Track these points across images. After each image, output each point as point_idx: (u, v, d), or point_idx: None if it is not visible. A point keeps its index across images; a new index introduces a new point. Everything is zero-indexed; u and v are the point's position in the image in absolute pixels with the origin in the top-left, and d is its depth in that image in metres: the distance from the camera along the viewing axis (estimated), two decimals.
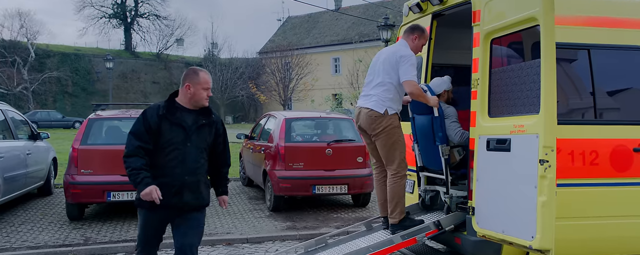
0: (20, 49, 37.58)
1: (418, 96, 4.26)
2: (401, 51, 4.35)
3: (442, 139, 4.41)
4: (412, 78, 4.20)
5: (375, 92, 4.37)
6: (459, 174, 4.48)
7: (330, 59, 41.90)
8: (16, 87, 36.35)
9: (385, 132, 4.31)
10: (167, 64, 46.27)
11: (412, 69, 4.21)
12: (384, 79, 4.34)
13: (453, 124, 4.46)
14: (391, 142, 4.34)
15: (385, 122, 4.28)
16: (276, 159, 7.28)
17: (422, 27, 4.52)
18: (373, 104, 4.33)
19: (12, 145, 7.17)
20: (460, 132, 4.43)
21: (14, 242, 5.80)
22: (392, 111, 4.33)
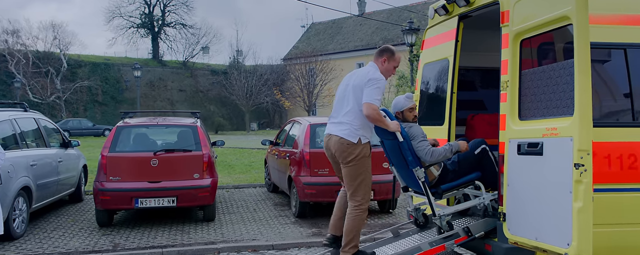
0: (54, 60, 38.71)
1: (376, 120, 4.06)
2: (370, 74, 4.18)
3: (413, 162, 4.18)
4: (374, 101, 4.02)
5: (347, 119, 4.22)
6: (441, 190, 4.32)
7: (354, 64, 41.74)
8: (50, 96, 37.44)
9: (355, 162, 4.18)
10: (193, 72, 46.92)
11: (376, 92, 4.04)
12: (354, 106, 4.18)
13: (421, 143, 4.23)
14: (358, 173, 4.17)
15: (358, 151, 4.14)
16: (301, 165, 7.25)
17: (391, 49, 4.43)
18: (346, 133, 4.18)
19: (44, 153, 7.33)
20: (430, 150, 4.20)
21: (46, 248, 5.90)
22: (365, 139, 4.20)
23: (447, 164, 4.50)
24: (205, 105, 45.45)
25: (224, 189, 10.29)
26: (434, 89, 5.16)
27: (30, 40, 39.57)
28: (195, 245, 6.02)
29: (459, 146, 4.31)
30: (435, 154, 4.18)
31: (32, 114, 7.56)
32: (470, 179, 4.45)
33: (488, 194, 4.36)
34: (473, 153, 4.46)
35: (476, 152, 4.47)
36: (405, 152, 4.21)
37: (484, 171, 4.50)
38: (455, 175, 4.44)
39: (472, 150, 4.48)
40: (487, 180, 4.47)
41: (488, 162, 4.49)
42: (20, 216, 6.39)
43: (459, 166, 4.47)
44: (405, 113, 4.52)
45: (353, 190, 4.22)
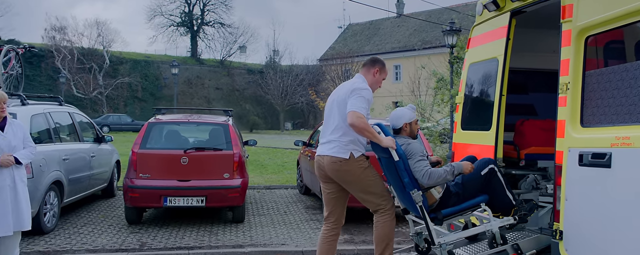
0: (97, 56, 39.77)
1: (362, 130, 3.68)
2: (355, 84, 3.89)
3: (410, 184, 3.78)
4: (359, 109, 3.69)
5: (334, 137, 3.92)
6: (442, 216, 3.87)
7: (391, 66, 41.24)
8: (92, 91, 38.51)
9: (355, 178, 3.87)
10: (230, 71, 47.37)
11: (361, 101, 3.74)
12: (339, 122, 3.88)
13: (419, 163, 3.80)
14: (365, 186, 3.89)
15: (354, 168, 3.84)
16: None
17: (382, 60, 4.14)
18: (335, 151, 3.86)
19: (77, 147, 7.30)
20: (428, 172, 3.76)
21: (74, 244, 5.83)
22: (358, 153, 3.90)
23: (450, 185, 4.07)
24: (240, 103, 45.80)
25: (255, 189, 10.11)
26: (480, 91, 4.78)
27: (75, 37, 40.74)
28: (222, 247, 5.82)
29: (462, 167, 3.88)
30: (433, 176, 3.75)
31: (67, 108, 7.55)
32: (476, 203, 4.01)
33: (497, 220, 3.92)
34: (479, 174, 4.01)
35: (483, 172, 4.02)
36: (402, 173, 3.80)
37: (493, 194, 4.06)
38: (459, 199, 4.01)
39: (479, 171, 4.03)
40: (495, 204, 4.06)
41: (497, 184, 4.06)
42: (51, 210, 6.35)
43: (463, 188, 4.03)
44: (413, 126, 4.11)
45: (369, 203, 3.91)
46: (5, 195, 4.31)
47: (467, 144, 4.81)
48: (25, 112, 6.16)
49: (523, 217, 4.07)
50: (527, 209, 4.13)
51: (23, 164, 4.46)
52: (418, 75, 22.43)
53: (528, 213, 4.10)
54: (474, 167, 4.01)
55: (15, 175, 4.40)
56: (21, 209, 4.43)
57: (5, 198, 4.31)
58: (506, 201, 4.08)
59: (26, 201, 4.51)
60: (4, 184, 4.31)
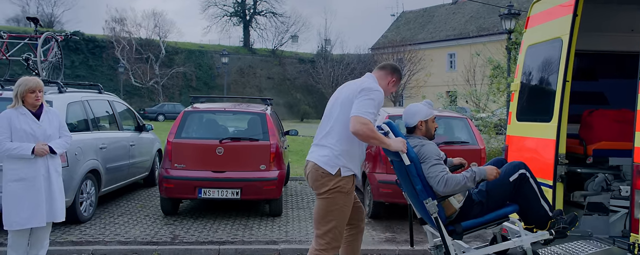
0: (154, 47, 40.93)
1: (368, 138, 3.17)
2: (365, 83, 3.34)
3: (423, 192, 3.32)
4: (364, 114, 3.14)
5: (328, 142, 3.36)
6: (461, 229, 3.36)
7: (445, 54, 39.92)
8: (149, 81, 39.71)
9: (327, 195, 3.32)
10: (281, 60, 47.52)
11: (369, 104, 3.18)
12: (336, 125, 3.34)
13: (434, 168, 3.31)
14: (329, 211, 3.32)
15: (333, 184, 3.30)
16: (377, 161, 6.51)
17: (401, 71, 3.59)
18: (324, 160, 3.32)
19: (115, 135, 7.23)
20: (443, 178, 3.24)
21: (107, 235, 5.72)
22: (348, 172, 3.32)
23: (473, 193, 3.54)
24: (291, 93, 45.90)
25: (297, 180, 9.82)
26: (540, 76, 4.18)
27: (134, 28, 42.10)
28: (255, 243, 5.54)
29: (485, 173, 3.35)
30: (450, 182, 3.25)
31: (106, 96, 7.50)
32: (503, 214, 3.49)
33: (529, 235, 3.38)
34: (507, 180, 3.46)
35: (511, 179, 3.47)
36: (414, 179, 3.33)
37: (524, 204, 3.52)
38: (483, 209, 3.48)
39: (507, 177, 3.47)
40: (528, 215, 3.52)
41: (529, 192, 3.50)
42: (87, 200, 6.29)
43: (487, 197, 3.50)
44: (429, 124, 3.56)
45: (320, 232, 3.35)
46: (39, 185, 4.18)
47: (524, 137, 4.24)
48: (62, 100, 6.10)
49: (561, 231, 3.47)
50: (567, 221, 3.51)
51: (58, 154, 4.30)
52: (473, 63, 21.43)
53: (568, 226, 3.49)
54: (501, 173, 3.46)
55: (50, 165, 4.25)
56: (55, 199, 4.28)
57: (38, 188, 4.17)
58: (541, 213, 3.52)
59: (60, 192, 4.36)
60: (37, 173, 4.17)
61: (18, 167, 4.14)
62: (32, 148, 4.10)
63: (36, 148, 4.12)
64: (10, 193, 4.13)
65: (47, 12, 50.71)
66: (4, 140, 4.10)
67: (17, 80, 4.22)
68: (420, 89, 34.50)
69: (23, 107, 4.17)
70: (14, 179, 4.14)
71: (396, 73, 3.52)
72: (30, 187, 4.14)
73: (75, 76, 37.60)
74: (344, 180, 3.32)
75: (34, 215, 4.15)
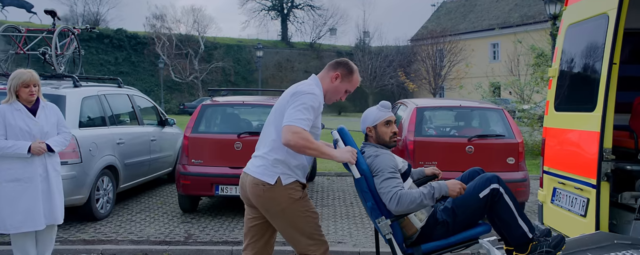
0: (193, 42, 41.47)
1: (303, 148, 2.71)
2: (298, 86, 2.89)
3: (373, 210, 2.89)
4: (297, 122, 2.69)
5: (261, 152, 2.94)
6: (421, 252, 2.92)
7: (487, 44, 38.53)
8: (188, 76, 40.29)
9: (280, 210, 2.89)
10: (319, 53, 47.22)
11: (301, 111, 2.73)
12: (271, 134, 2.94)
13: (386, 183, 2.86)
14: (291, 222, 2.90)
15: (278, 196, 2.87)
16: (404, 156, 6.06)
17: (351, 65, 3.01)
18: (260, 172, 2.90)
19: (134, 130, 7.07)
20: (397, 195, 2.79)
21: (121, 233, 5.55)
22: (289, 178, 2.88)
23: (437, 210, 3.07)
24: None
25: (325, 176, 9.46)
26: (581, 59, 3.64)
27: (174, 24, 42.79)
28: None
29: (447, 189, 2.85)
30: (404, 200, 2.79)
31: (126, 90, 7.35)
32: (471, 236, 3.02)
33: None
34: (477, 196, 2.98)
35: (482, 194, 2.97)
36: (364, 195, 2.92)
37: (500, 223, 3.04)
38: (448, 230, 3.01)
39: (476, 192, 2.99)
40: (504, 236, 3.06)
41: (503, 210, 2.99)
42: (104, 196, 6.15)
43: (453, 216, 3.04)
44: (380, 129, 3.09)
45: (295, 244, 2.94)
46: (36, 186, 3.96)
47: (563, 129, 3.72)
48: (76, 95, 5.96)
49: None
50: (552, 244, 2.99)
51: (56, 152, 4.09)
52: (517, 52, 20.40)
53: (552, 250, 2.98)
54: (469, 188, 2.97)
55: (48, 164, 4.04)
56: (54, 200, 4.06)
57: (35, 189, 3.96)
58: (518, 233, 3.01)
59: (59, 193, 4.14)
60: (34, 173, 3.96)
61: (13, 167, 3.93)
62: (29, 146, 3.90)
63: (33, 146, 3.90)
64: (4, 194, 3.91)
65: (93, 11, 52.37)
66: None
67: (11, 74, 4.03)
68: (461, 81, 33.45)
69: (18, 102, 3.96)
70: (8, 180, 3.93)
71: (340, 67, 2.98)
72: (26, 188, 3.94)
73: (118, 73, 38.56)
74: (290, 189, 2.90)
75: (29, 218, 3.94)
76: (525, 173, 5.93)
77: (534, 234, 3.05)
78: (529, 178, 6.07)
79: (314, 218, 2.95)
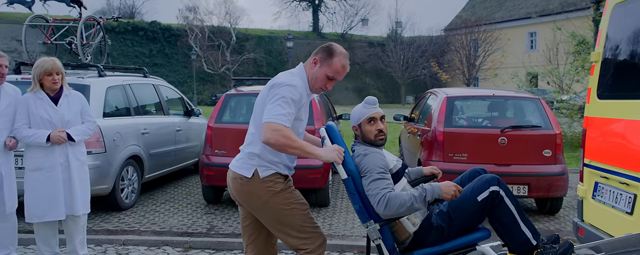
0: (225, 34, 41.76)
1: (284, 147, 2.50)
2: (277, 78, 2.68)
3: (363, 213, 2.70)
4: (276, 119, 2.49)
5: (243, 146, 2.81)
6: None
7: (524, 33, 37.30)
8: (220, 67, 40.63)
9: (261, 204, 2.71)
10: (350, 44, 46.81)
11: (280, 106, 2.52)
12: (252, 128, 2.77)
13: (374, 184, 2.65)
14: (276, 216, 2.71)
15: (257, 190, 2.69)
16: (433, 147, 5.81)
17: (331, 48, 2.72)
18: (238, 165, 2.77)
19: (159, 120, 7.04)
20: (384, 197, 2.58)
21: (144, 224, 5.51)
22: (267, 171, 2.69)
23: (433, 214, 2.88)
24: (361, 77, 45.18)
25: None
26: (629, 42, 3.31)
27: (206, 16, 43.14)
28: None
29: (440, 191, 2.63)
30: (392, 203, 2.58)
31: (151, 80, 7.32)
32: (468, 242, 2.78)
33: None
34: (475, 199, 2.75)
35: (480, 197, 2.75)
36: (352, 197, 2.73)
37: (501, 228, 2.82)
38: (443, 236, 2.80)
39: (474, 195, 2.76)
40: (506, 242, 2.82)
41: (504, 214, 2.77)
42: (129, 186, 6.14)
43: (449, 221, 2.80)
44: (364, 127, 2.89)
45: (285, 239, 2.74)
46: (57, 175, 3.92)
47: (607, 118, 3.41)
48: (100, 84, 5.94)
49: None
50: (559, 252, 2.73)
51: (77, 141, 4.03)
52: (556, 40, 19.59)
53: None
54: (467, 190, 2.74)
55: (70, 154, 3.97)
56: (75, 191, 3.99)
57: (56, 179, 3.91)
58: (521, 239, 2.76)
59: (82, 183, 4.07)
60: (55, 163, 3.92)
61: (36, 156, 3.92)
62: (48, 135, 3.86)
63: (52, 135, 3.86)
64: (29, 183, 3.93)
65: (129, 4, 53.40)
66: (21, 127, 3.89)
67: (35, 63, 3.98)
68: (496, 71, 32.55)
69: (41, 91, 3.92)
70: (32, 169, 3.93)
71: (319, 51, 2.74)
72: (48, 177, 3.91)
73: (153, 64, 39.23)
74: (269, 182, 2.71)
75: (51, 207, 3.91)
76: (563, 166, 5.59)
77: (538, 240, 2.81)
78: (568, 171, 5.72)
79: (301, 209, 2.75)
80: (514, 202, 2.80)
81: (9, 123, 3.91)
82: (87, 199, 4.15)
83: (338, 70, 2.69)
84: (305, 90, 2.69)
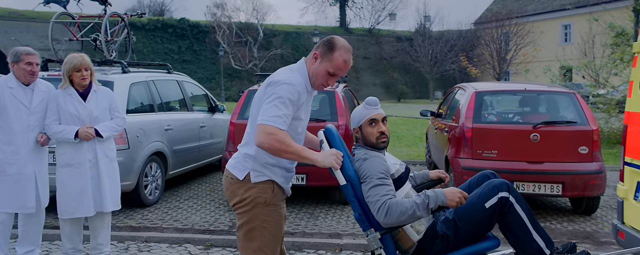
0: (252, 30, 41.94)
1: (279, 152, 2.33)
2: (275, 76, 2.50)
3: (363, 221, 2.55)
4: (271, 122, 2.33)
5: (240, 145, 2.63)
6: None
7: (558, 26, 36.17)
8: (248, 63, 40.84)
9: (242, 208, 2.53)
10: (378, 39, 46.44)
11: (276, 107, 2.35)
12: (248, 126, 2.60)
13: (374, 190, 2.49)
14: (249, 228, 2.52)
15: (243, 193, 2.52)
16: (461, 144, 5.59)
17: (333, 41, 2.50)
18: (232, 164, 2.59)
19: (183, 117, 7.02)
20: (385, 205, 2.43)
21: (167, 220, 5.49)
22: (260, 176, 2.51)
23: (438, 221, 2.70)
24: (388, 72, 44.76)
25: None
26: None
27: (234, 13, 43.42)
28: (316, 236, 4.98)
29: (444, 198, 2.44)
30: (393, 210, 2.42)
31: (175, 76, 7.30)
32: (476, 252, 2.64)
33: None
34: (483, 206, 2.58)
35: (488, 204, 2.58)
36: (353, 204, 2.57)
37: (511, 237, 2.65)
38: (448, 245, 2.64)
39: (481, 201, 2.59)
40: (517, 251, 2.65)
41: (514, 222, 2.59)
42: (152, 183, 6.13)
43: (454, 228, 2.63)
44: (365, 130, 2.73)
45: (242, 251, 2.57)
46: (85, 172, 3.91)
47: None
48: (124, 80, 5.94)
49: None
50: None
51: (104, 137, 4.00)
52: (593, 32, 18.86)
53: None
54: (475, 196, 2.57)
55: (98, 150, 3.96)
56: (103, 187, 3.98)
57: (84, 175, 3.91)
58: (533, 249, 2.58)
59: (111, 179, 4.06)
60: (83, 159, 3.91)
61: (66, 152, 3.93)
62: (76, 131, 3.85)
63: (80, 131, 3.85)
64: (60, 179, 3.95)
65: (159, 2, 54.19)
66: (51, 123, 3.90)
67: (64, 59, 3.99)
68: (528, 65, 31.69)
69: (71, 87, 3.93)
70: (62, 165, 3.94)
71: (320, 45, 2.54)
72: (77, 174, 3.91)
73: (181, 61, 39.72)
74: (258, 188, 2.53)
75: (80, 204, 3.91)
76: (600, 164, 5.30)
77: (552, 250, 2.63)
78: (605, 169, 5.43)
79: (271, 233, 2.55)
80: (525, 208, 2.63)
81: (41, 120, 3.94)
82: (117, 195, 4.14)
83: (339, 66, 2.50)
84: (305, 88, 2.52)
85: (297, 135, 2.56)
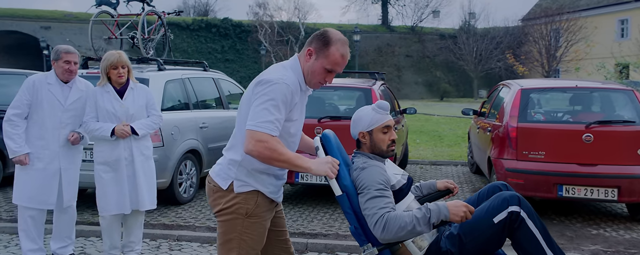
0: (293, 29, 42.14)
1: (269, 160, 2.15)
2: (266, 74, 2.27)
3: (358, 235, 2.35)
4: (261, 127, 2.14)
5: (225, 149, 2.43)
6: None
7: (614, 21, 34.38)
8: None
9: (222, 218, 2.35)
10: (420, 37, 45.66)
11: (266, 111, 2.16)
12: (236, 130, 2.38)
13: (372, 202, 2.27)
14: (227, 238, 2.34)
15: (224, 202, 2.33)
16: (505, 144, 5.28)
17: (328, 35, 2.28)
18: (216, 170, 2.40)
19: (218, 115, 6.97)
20: (382, 218, 2.22)
21: (199, 219, 5.45)
22: (245, 187, 2.32)
23: (442, 237, 2.48)
24: (431, 71, 43.94)
25: (419, 164, 8.81)
26: None
27: (275, 12, 43.75)
28: (349, 238, 4.79)
29: (448, 212, 2.20)
30: (391, 225, 2.20)
31: (212, 74, 7.27)
32: None
33: None
34: (491, 221, 2.35)
35: (497, 219, 2.34)
36: (347, 216, 2.37)
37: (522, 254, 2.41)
38: None
39: (490, 216, 2.35)
40: None
41: (526, 238, 2.35)
42: (187, 181, 6.11)
43: (460, 244, 2.40)
44: (376, 135, 2.51)
45: None
46: (121, 169, 3.92)
47: None
48: (159, 78, 5.93)
49: None
50: None
51: (140, 135, 3.97)
52: None
53: None
54: (482, 210, 2.34)
55: (134, 148, 3.95)
56: (139, 186, 3.97)
57: (121, 173, 3.92)
58: None
59: (148, 177, 4.04)
60: (120, 157, 3.92)
61: (103, 150, 3.94)
62: (112, 129, 3.84)
63: (116, 129, 3.84)
64: (98, 177, 3.96)
65: (203, 2, 55.33)
66: (89, 121, 3.92)
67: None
68: (579, 62, 30.32)
69: (108, 84, 3.93)
70: (100, 162, 3.95)
71: (314, 40, 2.32)
72: (113, 171, 3.92)
73: (224, 60, 40.37)
74: (240, 198, 2.32)
75: (117, 201, 3.92)
76: None
77: None
78: None
79: (249, 246, 2.36)
80: (538, 224, 2.38)
81: (74, 118, 3.96)
82: (153, 194, 4.12)
83: (337, 61, 2.28)
84: (299, 87, 2.32)
85: (290, 138, 2.37)
